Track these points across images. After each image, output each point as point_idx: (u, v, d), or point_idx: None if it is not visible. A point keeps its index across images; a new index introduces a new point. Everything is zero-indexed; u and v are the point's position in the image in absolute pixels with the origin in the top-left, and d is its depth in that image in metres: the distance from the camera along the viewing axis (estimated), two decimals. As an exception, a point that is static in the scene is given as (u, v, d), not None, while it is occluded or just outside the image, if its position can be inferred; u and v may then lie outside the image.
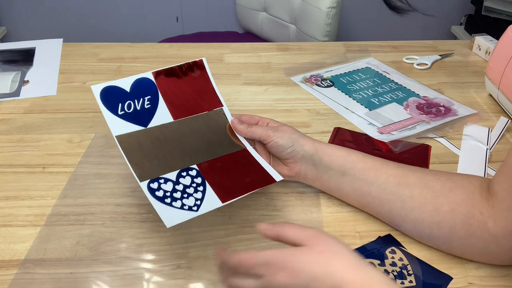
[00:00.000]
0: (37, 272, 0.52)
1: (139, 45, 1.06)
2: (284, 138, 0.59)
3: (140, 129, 0.57)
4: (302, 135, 0.61)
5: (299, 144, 0.59)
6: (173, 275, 0.52)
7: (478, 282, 0.51)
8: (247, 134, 0.61)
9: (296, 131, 0.61)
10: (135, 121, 0.58)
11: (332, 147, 0.60)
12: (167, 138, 0.58)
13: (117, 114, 0.57)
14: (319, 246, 0.40)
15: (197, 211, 0.51)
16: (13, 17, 2.19)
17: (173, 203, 0.52)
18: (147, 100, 0.59)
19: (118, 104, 0.57)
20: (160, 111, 0.60)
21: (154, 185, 0.53)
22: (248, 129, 0.61)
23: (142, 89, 0.59)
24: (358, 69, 0.97)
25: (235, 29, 2.17)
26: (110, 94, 0.57)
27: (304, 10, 1.64)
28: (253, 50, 1.06)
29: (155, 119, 0.59)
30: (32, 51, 1.04)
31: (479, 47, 1.04)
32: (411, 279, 0.51)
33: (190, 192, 0.54)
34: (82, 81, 0.92)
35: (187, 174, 0.56)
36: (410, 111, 0.82)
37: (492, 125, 0.79)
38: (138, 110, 0.58)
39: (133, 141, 0.56)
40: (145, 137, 0.57)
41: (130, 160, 0.54)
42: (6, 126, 0.78)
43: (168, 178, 0.55)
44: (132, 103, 0.58)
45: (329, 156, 0.59)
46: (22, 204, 0.62)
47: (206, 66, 0.65)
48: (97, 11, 2.16)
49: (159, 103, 0.60)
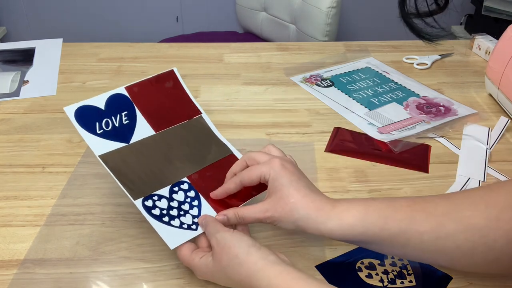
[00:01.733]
0: (36, 272, 0.52)
1: (139, 45, 1.06)
2: (284, 224, 0.50)
3: (122, 145, 0.55)
4: (304, 212, 0.48)
5: (300, 229, 0.49)
6: (173, 275, 0.52)
7: (478, 282, 0.51)
8: (240, 224, 0.52)
9: (298, 202, 0.49)
10: (116, 138, 0.55)
11: (343, 225, 0.48)
12: (152, 152, 0.57)
13: (96, 134, 0.55)
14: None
15: (196, 230, 0.52)
16: (13, 17, 2.19)
17: (171, 222, 0.52)
18: (125, 115, 0.57)
19: (95, 123, 0.55)
20: (140, 125, 0.58)
21: (149, 203, 0.52)
22: (239, 220, 0.51)
23: (117, 105, 0.57)
24: (358, 69, 0.97)
25: (235, 29, 2.17)
26: (85, 113, 0.55)
27: (304, 10, 1.64)
28: (253, 50, 1.06)
29: (136, 133, 0.57)
30: (32, 51, 1.04)
31: (479, 47, 1.04)
32: (411, 279, 0.51)
33: (185, 209, 0.53)
34: (82, 81, 0.92)
35: (179, 188, 0.55)
36: (410, 111, 0.82)
37: (492, 125, 0.79)
38: (117, 127, 0.56)
39: (117, 159, 0.54)
40: (128, 153, 0.55)
41: (120, 179, 0.52)
42: (5, 126, 0.78)
43: (162, 194, 0.54)
44: (109, 120, 0.56)
45: (342, 236, 0.48)
46: (21, 204, 0.62)
47: (178, 76, 0.63)
48: (97, 11, 2.16)
49: (137, 117, 0.58)
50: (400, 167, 0.69)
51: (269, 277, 0.43)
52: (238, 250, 0.46)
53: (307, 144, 0.74)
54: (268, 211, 0.50)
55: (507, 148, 0.74)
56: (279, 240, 0.57)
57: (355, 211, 0.48)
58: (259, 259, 0.45)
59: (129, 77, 0.58)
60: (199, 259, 0.48)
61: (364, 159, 0.71)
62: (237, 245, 0.46)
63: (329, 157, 0.71)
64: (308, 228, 0.48)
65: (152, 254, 0.54)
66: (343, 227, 0.47)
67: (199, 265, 0.48)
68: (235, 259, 0.45)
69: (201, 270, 0.48)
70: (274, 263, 0.44)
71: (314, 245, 0.56)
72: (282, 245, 0.56)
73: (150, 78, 0.61)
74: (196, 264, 0.48)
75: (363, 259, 0.54)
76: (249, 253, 0.45)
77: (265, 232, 0.58)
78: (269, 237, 0.57)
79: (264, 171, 0.51)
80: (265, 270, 0.44)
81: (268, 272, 0.43)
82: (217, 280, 0.48)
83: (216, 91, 0.89)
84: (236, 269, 0.45)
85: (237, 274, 0.45)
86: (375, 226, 0.47)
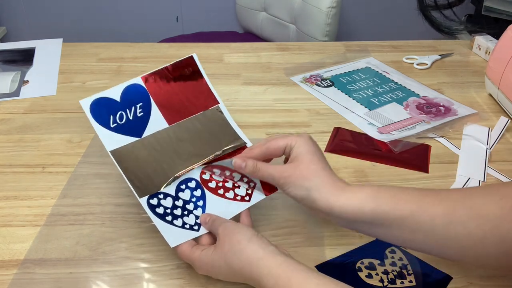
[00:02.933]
0: (36, 272, 0.52)
1: (139, 45, 1.06)
2: (297, 188, 0.50)
3: (134, 140, 0.55)
4: (320, 181, 0.49)
5: (311, 198, 0.49)
6: (173, 275, 0.52)
7: (478, 282, 0.51)
8: (253, 175, 0.54)
9: (318, 171, 0.50)
10: (129, 132, 0.55)
11: (354, 200, 0.48)
12: (164, 147, 0.56)
13: (109, 128, 0.54)
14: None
15: (198, 231, 0.52)
16: (13, 17, 2.19)
17: (174, 221, 0.52)
18: (139, 107, 0.56)
19: (109, 116, 0.54)
20: (154, 118, 0.57)
21: (154, 201, 0.52)
22: (255, 169, 0.53)
23: (133, 96, 0.56)
24: (358, 69, 0.97)
25: (235, 29, 2.17)
26: (101, 106, 0.54)
27: (304, 10, 1.64)
28: (253, 50, 1.06)
29: (149, 127, 0.56)
30: (32, 51, 1.04)
31: (479, 47, 1.04)
32: (411, 279, 0.51)
33: (190, 208, 0.53)
34: (82, 81, 0.92)
35: (186, 186, 0.55)
36: (410, 111, 0.82)
37: (492, 125, 0.79)
38: (131, 120, 0.56)
39: (128, 154, 0.54)
40: (141, 148, 0.55)
41: (128, 176, 0.52)
42: (5, 126, 0.78)
43: (167, 193, 0.54)
44: (124, 113, 0.55)
45: (351, 214, 0.48)
46: (21, 204, 0.62)
47: (197, 62, 0.61)
48: (97, 11, 2.16)
49: (152, 109, 0.57)
50: (400, 167, 0.69)
51: (270, 266, 0.44)
52: (241, 237, 0.46)
53: (307, 144, 0.74)
54: (285, 172, 0.51)
55: (507, 148, 0.74)
56: (279, 240, 0.57)
57: (368, 190, 0.48)
58: (260, 248, 0.45)
59: (129, 77, 0.57)
60: (200, 252, 0.49)
61: (364, 159, 0.71)
62: (241, 232, 0.47)
63: (329, 157, 0.71)
64: (318, 200, 0.49)
65: (152, 254, 0.54)
66: (354, 202, 0.47)
67: (199, 258, 0.48)
68: (237, 245, 0.46)
69: (202, 261, 0.48)
70: (275, 253, 0.45)
71: (314, 245, 0.56)
72: (282, 245, 0.56)
73: (168, 66, 0.59)
74: (197, 257, 0.48)
75: (363, 259, 0.54)
76: (251, 241, 0.46)
77: (265, 232, 0.58)
78: (269, 237, 0.57)
79: (291, 139, 0.53)
80: (266, 259, 0.44)
81: (269, 262, 0.44)
82: (217, 270, 0.47)
83: (216, 91, 0.89)
84: (237, 256, 0.45)
85: (237, 261, 0.45)
86: (386, 204, 0.46)
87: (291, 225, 0.59)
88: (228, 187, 0.56)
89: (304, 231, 0.58)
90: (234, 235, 0.47)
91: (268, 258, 0.44)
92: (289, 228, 0.59)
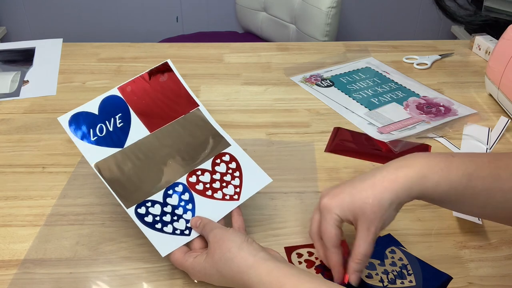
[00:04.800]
0: (36, 272, 0.52)
1: (139, 45, 1.06)
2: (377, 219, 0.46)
3: (117, 151, 0.55)
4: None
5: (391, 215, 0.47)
6: (173, 275, 0.52)
7: (478, 282, 0.51)
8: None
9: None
10: (110, 144, 0.55)
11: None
12: (147, 154, 0.56)
13: (90, 141, 0.54)
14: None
15: (189, 235, 0.52)
16: (13, 17, 2.19)
17: (164, 228, 0.52)
18: (119, 118, 0.56)
19: (89, 130, 0.55)
20: (134, 127, 0.57)
21: (142, 210, 0.52)
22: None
23: (111, 108, 0.56)
24: (358, 69, 0.97)
25: (235, 29, 2.17)
26: (79, 121, 0.54)
27: (304, 10, 1.64)
28: (253, 50, 1.06)
29: (130, 136, 0.56)
30: (32, 51, 1.04)
31: (479, 47, 1.04)
32: (411, 279, 0.51)
33: (179, 213, 0.53)
34: (82, 81, 0.92)
35: (173, 191, 0.55)
36: (410, 111, 0.82)
37: (492, 125, 0.79)
38: (111, 132, 0.56)
39: (112, 166, 0.54)
40: (124, 159, 0.55)
41: (113, 188, 0.52)
42: (6, 126, 0.78)
43: (155, 200, 0.53)
44: (103, 125, 0.55)
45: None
46: (21, 204, 0.62)
47: (172, 67, 0.62)
48: (97, 11, 2.16)
49: (131, 119, 0.57)
50: (400, 167, 0.69)
51: (261, 274, 0.43)
52: (231, 244, 0.46)
53: (307, 144, 0.74)
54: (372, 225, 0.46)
55: (507, 148, 0.74)
56: (279, 240, 0.57)
57: (438, 168, 0.44)
58: (250, 255, 0.45)
59: (129, 77, 0.58)
60: (192, 259, 0.48)
61: (364, 159, 0.71)
62: (231, 239, 0.47)
63: (329, 157, 0.71)
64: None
65: (152, 254, 0.54)
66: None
67: (192, 265, 0.48)
68: (227, 253, 0.45)
69: (195, 269, 0.48)
70: (264, 259, 0.44)
71: (314, 245, 0.56)
72: (281, 245, 0.56)
73: (143, 74, 0.60)
74: (190, 264, 0.48)
75: (363, 259, 0.54)
76: (240, 248, 0.45)
77: (265, 232, 0.58)
78: (269, 237, 0.57)
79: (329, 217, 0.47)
80: (256, 268, 0.44)
81: (260, 270, 0.43)
82: (210, 278, 0.48)
83: (216, 91, 0.89)
84: (227, 265, 0.45)
85: (228, 270, 0.45)
86: (459, 184, 0.44)
87: (291, 225, 0.59)
88: (216, 187, 0.56)
89: (304, 231, 0.58)
90: (224, 243, 0.47)
91: (259, 265, 0.44)
92: (289, 228, 0.59)
